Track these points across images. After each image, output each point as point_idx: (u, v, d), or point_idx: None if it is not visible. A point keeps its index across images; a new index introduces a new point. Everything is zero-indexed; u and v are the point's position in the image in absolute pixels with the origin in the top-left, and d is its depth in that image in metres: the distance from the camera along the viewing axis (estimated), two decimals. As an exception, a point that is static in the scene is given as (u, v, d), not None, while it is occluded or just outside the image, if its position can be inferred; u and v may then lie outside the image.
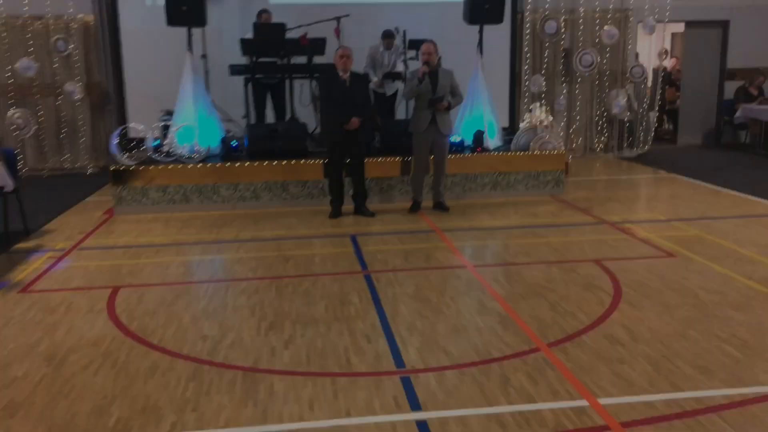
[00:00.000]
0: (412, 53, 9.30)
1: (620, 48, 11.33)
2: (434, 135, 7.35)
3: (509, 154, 8.19)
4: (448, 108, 7.33)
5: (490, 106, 8.66)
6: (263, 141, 7.99)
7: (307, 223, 7.11)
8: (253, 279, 5.32)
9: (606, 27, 11.00)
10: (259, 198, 7.87)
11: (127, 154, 8.15)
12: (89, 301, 4.88)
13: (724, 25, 12.26)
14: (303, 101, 9.31)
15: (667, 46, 14.04)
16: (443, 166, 7.54)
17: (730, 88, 12.38)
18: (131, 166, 7.68)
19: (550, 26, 10.93)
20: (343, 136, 7.07)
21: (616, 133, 11.41)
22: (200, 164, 7.77)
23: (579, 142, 11.36)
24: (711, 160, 10.77)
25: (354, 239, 6.44)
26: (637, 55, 11.84)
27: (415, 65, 9.37)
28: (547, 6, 10.98)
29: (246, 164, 7.82)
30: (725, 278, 5.12)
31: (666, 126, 13.97)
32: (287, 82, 9.00)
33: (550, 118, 8.37)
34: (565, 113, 11.26)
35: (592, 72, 11.12)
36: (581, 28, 11.11)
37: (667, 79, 13.15)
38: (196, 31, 8.78)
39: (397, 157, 8.00)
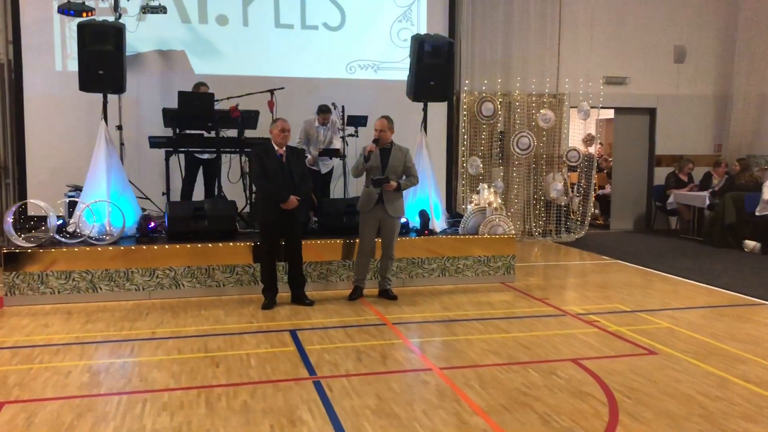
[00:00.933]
0: (351, 129, 8.76)
1: (555, 132, 11.23)
2: (381, 216, 6.71)
3: (459, 237, 7.61)
4: (398, 189, 6.73)
5: (435, 187, 8.14)
6: (186, 221, 7.09)
7: (236, 316, 6.19)
8: (177, 389, 4.35)
9: (542, 111, 10.88)
10: (180, 285, 6.90)
11: (24, 234, 7.06)
12: (-40, 424, 3.79)
13: (651, 113, 12.46)
14: (231, 177, 8.52)
15: (592, 132, 14.20)
16: (390, 251, 6.87)
17: (658, 174, 12.48)
18: (28, 248, 6.58)
19: (487, 108, 10.70)
20: (279, 216, 6.31)
21: (554, 217, 11.14)
22: (111, 246, 6.77)
23: (517, 225, 10.99)
24: (649, 246, 10.59)
25: (294, 335, 5.57)
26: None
27: (354, 142, 8.87)
28: (483, 88, 10.78)
29: (165, 246, 6.87)
30: (721, 380, 4.57)
31: (594, 211, 13.92)
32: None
33: (499, 200, 7.90)
34: (503, 196, 10.91)
35: (529, 155, 10.90)
36: (518, 110, 10.94)
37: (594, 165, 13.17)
38: (112, 100, 7.94)
39: (337, 239, 7.27)
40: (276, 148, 6.35)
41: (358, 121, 8.70)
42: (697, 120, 12.47)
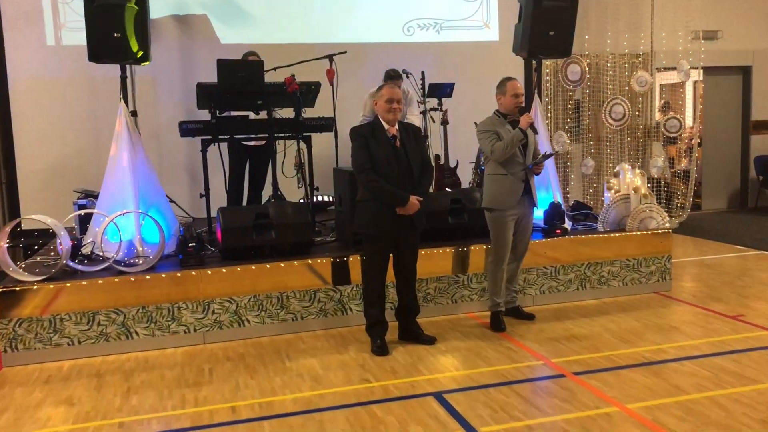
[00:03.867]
0: (432, 102, 6.92)
1: (647, 98, 9.43)
2: (524, 210, 4.95)
3: (600, 236, 5.79)
4: (539, 172, 5.01)
5: (554, 172, 6.31)
6: (246, 233, 5.21)
7: (339, 368, 4.35)
8: None
9: (638, 72, 9.03)
10: (244, 322, 5.04)
11: (25, 262, 5.18)
12: None
13: (745, 72, 10.66)
14: (286, 171, 6.64)
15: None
16: (525, 253, 5.17)
17: (756, 143, 10.73)
18: (32, 282, 4.69)
19: (573, 71, 8.82)
20: (393, 224, 4.45)
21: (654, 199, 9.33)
22: (148, 274, 4.89)
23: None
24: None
25: (445, 404, 3.73)
26: (668, 105, 9.96)
27: (439, 118, 7.03)
28: (569, 47, 8.91)
29: (222, 270, 5.00)
30: None
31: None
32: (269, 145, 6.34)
33: (648, 183, 6.09)
34: (595, 177, 9.13)
35: (623, 125, 9.07)
36: (609, 73, 9.11)
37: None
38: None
39: (447, 248, 5.42)
40: (386, 126, 4.48)
41: (442, 91, 6.85)
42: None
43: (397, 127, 4.50)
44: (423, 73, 6.81)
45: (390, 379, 4.11)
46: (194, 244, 5.13)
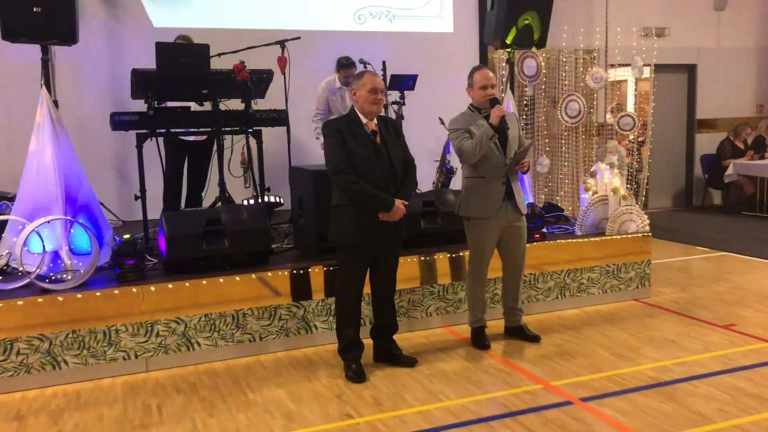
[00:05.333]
0: (394, 95, 6.38)
1: (600, 95, 9.22)
2: (510, 218, 4.45)
3: (580, 240, 5.40)
4: (527, 170, 4.55)
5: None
6: (195, 242, 4.52)
7: (313, 401, 3.75)
8: None
9: (594, 68, 8.76)
10: (194, 346, 4.37)
11: (-76, 279, 4.34)
12: None
13: (690, 70, 10.64)
14: (233, 170, 5.95)
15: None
16: (522, 268, 4.63)
17: (700, 141, 10.75)
18: (-66, 305, 3.88)
19: (529, 66, 8.46)
20: (375, 231, 3.89)
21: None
22: (78, 292, 4.14)
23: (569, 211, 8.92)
24: (727, 229, 8.73)
25: (445, 442, 3.22)
26: (620, 106, 9.83)
27: (403, 113, 6.51)
28: (524, 40, 8.56)
29: (168, 286, 4.31)
30: None
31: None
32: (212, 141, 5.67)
33: (626, 185, 5.75)
34: (550, 175, 8.83)
35: (579, 123, 8.80)
36: (566, 68, 8.82)
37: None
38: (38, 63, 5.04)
39: (421, 255, 4.91)
40: (363, 120, 3.91)
41: (405, 83, 6.32)
42: (737, 77, 10.73)
43: (375, 122, 3.93)
44: (384, 63, 6.26)
45: (375, 414, 3.56)
46: (132, 259, 4.38)
